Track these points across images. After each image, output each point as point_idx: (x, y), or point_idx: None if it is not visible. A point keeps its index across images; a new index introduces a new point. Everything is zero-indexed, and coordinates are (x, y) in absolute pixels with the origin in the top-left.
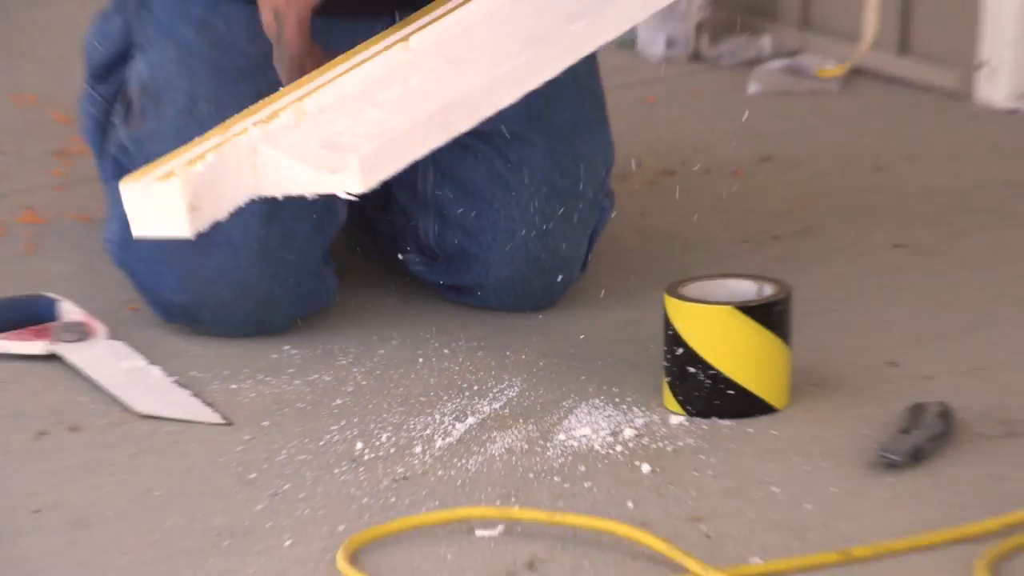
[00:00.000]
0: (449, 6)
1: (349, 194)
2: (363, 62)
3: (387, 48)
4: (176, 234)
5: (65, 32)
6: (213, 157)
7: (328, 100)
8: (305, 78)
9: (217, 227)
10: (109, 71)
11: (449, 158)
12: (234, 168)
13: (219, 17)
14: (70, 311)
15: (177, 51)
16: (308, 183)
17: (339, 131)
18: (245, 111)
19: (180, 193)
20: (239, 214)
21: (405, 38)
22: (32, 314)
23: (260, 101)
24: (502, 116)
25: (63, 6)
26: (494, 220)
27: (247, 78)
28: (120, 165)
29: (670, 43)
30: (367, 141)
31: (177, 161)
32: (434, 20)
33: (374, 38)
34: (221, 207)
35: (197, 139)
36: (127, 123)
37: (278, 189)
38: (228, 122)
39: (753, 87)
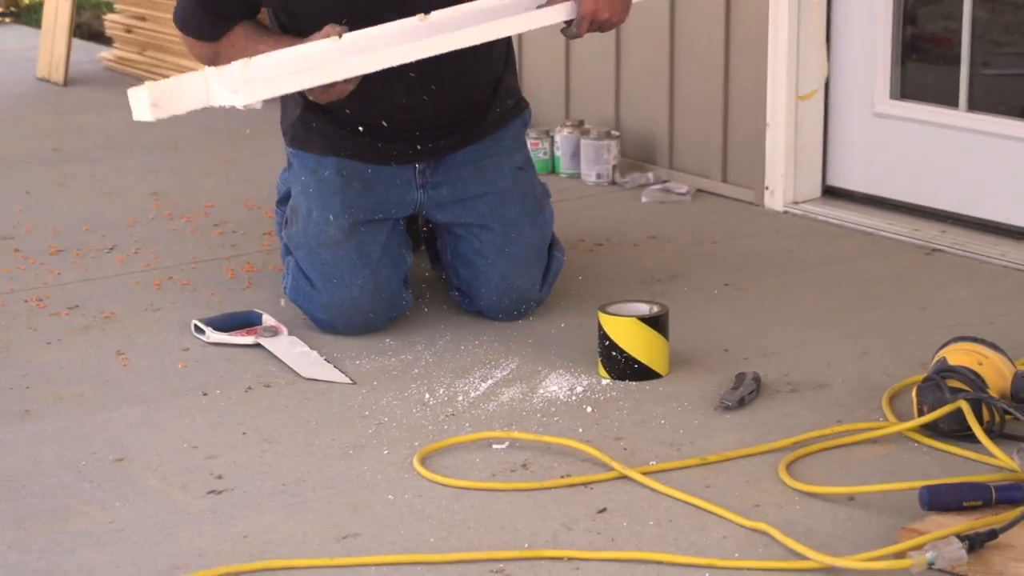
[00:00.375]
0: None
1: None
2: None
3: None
4: (145, 117)
5: (272, 168)
6: (173, 79)
7: (268, 59)
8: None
9: (343, 282)
10: (284, 200)
11: (457, 242)
12: (191, 87)
13: (322, 167)
14: (268, 319)
15: (302, 188)
16: (224, 98)
17: (253, 75)
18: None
19: (147, 94)
20: (353, 269)
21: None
22: (247, 321)
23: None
24: (476, 214)
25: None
26: (476, 275)
27: (335, 195)
28: (287, 249)
29: (599, 175)
30: (257, 81)
31: (160, 82)
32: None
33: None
34: (177, 104)
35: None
36: (286, 228)
37: (212, 101)
38: (200, 71)
39: (644, 199)
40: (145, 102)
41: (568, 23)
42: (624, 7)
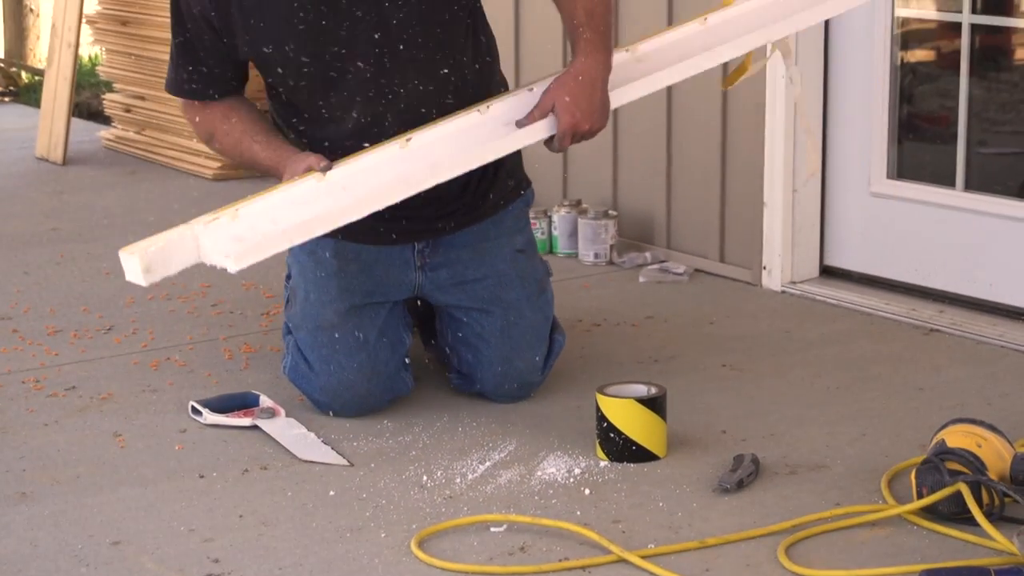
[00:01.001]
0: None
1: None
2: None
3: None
4: (139, 282)
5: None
6: (162, 242)
7: (254, 208)
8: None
9: (340, 364)
10: (288, 278)
11: (458, 326)
12: (181, 246)
13: (320, 248)
14: (265, 401)
15: (300, 269)
16: (217, 259)
17: (245, 229)
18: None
19: (138, 261)
20: (350, 352)
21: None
22: (244, 403)
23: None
24: (476, 298)
25: None
26: (479, 359)
27: (332, 278)
28: (288, 328)
29: (596, 255)
30: (250, 239)
31: (143, 243)
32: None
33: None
34: (169, 266)
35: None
36: (287, 308)
37: (206, 259)
38: (197, 219)
39: (642, 279)
40: (137, 268)
41: (550, 139)
42: (603, 114)
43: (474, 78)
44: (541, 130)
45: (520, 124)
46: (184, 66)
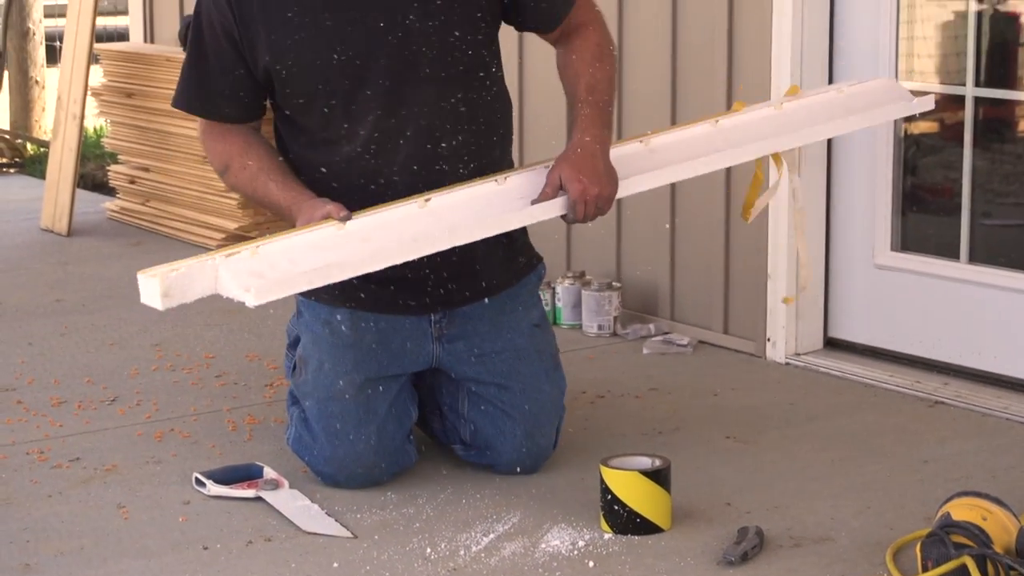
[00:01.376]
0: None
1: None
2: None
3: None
4: (155, 306)
5: (274, 319)
6: (184, 268)
7: (275, 247)
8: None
9: (348, 436)
10: (293, 346)
11: (477, 400)
12: (201, 276)
13: (334, 316)
14: (269, 472)
15: (313, 339)
16: (235, 292)
17: (264, 266)
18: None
19: (159, 284)
20: (359, 424)
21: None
22: (248, 474)
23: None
24: (494, 372)
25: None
26: (500, 432)
27: (348, 349)
28: (294, 398)
29: (600, 327)
30: (271, 276)
31: (164, 267)
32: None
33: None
34: (187, 293)
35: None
36: (294, 376)
37: (224, 291)
38: (218, 250)
39: (646, 350)
40: (156, 291)
41: (564, 216)
42: (609, 179)
43: (487, 116)
44: (555, 207)
45: (535, 202)
46: (200, 83)
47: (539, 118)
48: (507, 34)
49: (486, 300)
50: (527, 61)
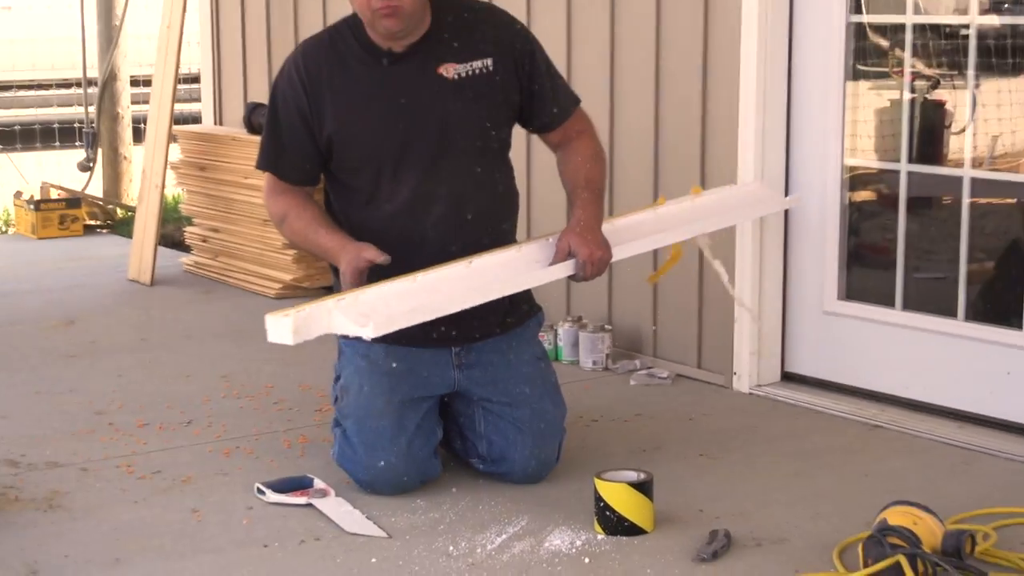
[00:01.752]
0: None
1: (366, 336)
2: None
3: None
4: (284, 342)
5: (323, 356)
6: (307, 310)
7: (370, 295)
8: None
9: (383, 447)
10: (337, 381)
11: (491, 418)
12: (319, 317)
13: (372, 350)
14: (318, 483)
15: (355, 369)
16: (350, 330)
17: (368, 310)
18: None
19: (291, 323)
20: (392, 438)
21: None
22: (301, 484)
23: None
24: (507, 394)
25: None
26: (511, 444)
27: (383, 375)
28: (337, 421)
29: (594, 362)
30: (379, 315)
31: (291, 311)
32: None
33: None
34: (310, 331)
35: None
36: (337, 403)
37: (337, 330)
38: (326, 297)
39: (632, 382)
40: (288, 329)
41: (574, 275)
42: (607, 247)
43: (503, 190)
44: (566, 268)
45: (552, 262)
46: (274, 150)
47: (543, 200)
48: (518, 136)
49: (497, 337)
50: (534, 161)
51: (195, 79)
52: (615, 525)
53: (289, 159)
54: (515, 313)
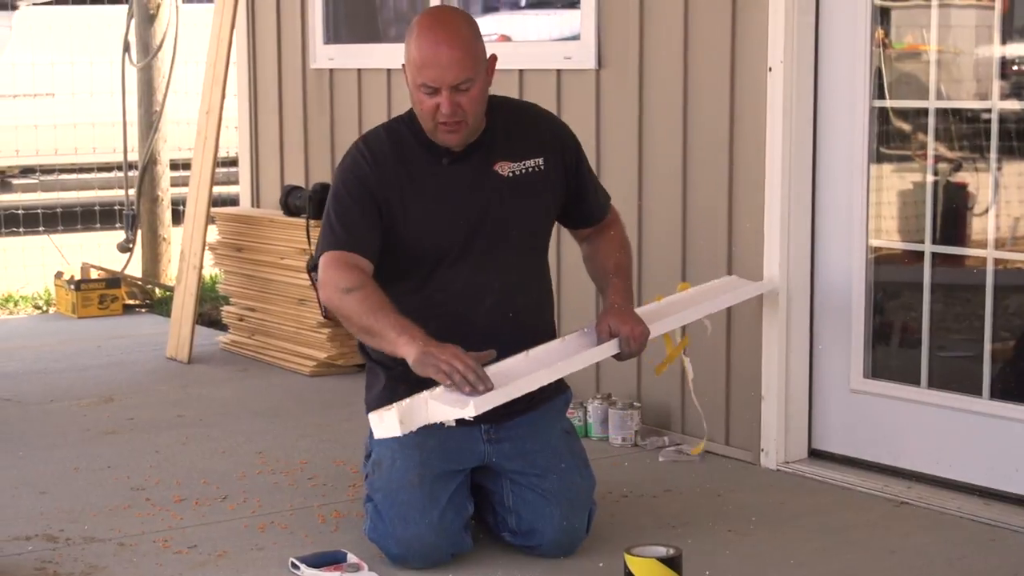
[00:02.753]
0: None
1: (467, 419)
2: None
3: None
4: (393, 434)
5: (356, 432)
6: (407, 402)
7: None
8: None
9: (414, 520)
10: (367, 458)
11: (520, 490)
12: (418, 408)
13: None
14: (352, 557)
15: (387, 444)
16: (450, 415)
17: (458, 396)
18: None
19: (396, 414)
20: (423, 510)
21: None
22: (335, 559)
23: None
24: (536, 466)
25: (361, 421)
26: (540, 516)
27: (415, 449)
28: (370, 497)
29: (623, 439)
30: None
31: (393, 405)
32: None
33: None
34: (414, 422)
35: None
36: (368, 480)
37: (437, 417)
38: (420, 394)
39: (661, 458)
40: (395, 421)
41: (618, 354)
42: (643, 321)
43: (544, 283)
44: (611, 348)
45: (599, 343)
46: (346, 229)
47: (572, 302)
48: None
49: (525, 414)
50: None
51: (233, 162)
52: None
53: (362, 235)
54: (544, 391)
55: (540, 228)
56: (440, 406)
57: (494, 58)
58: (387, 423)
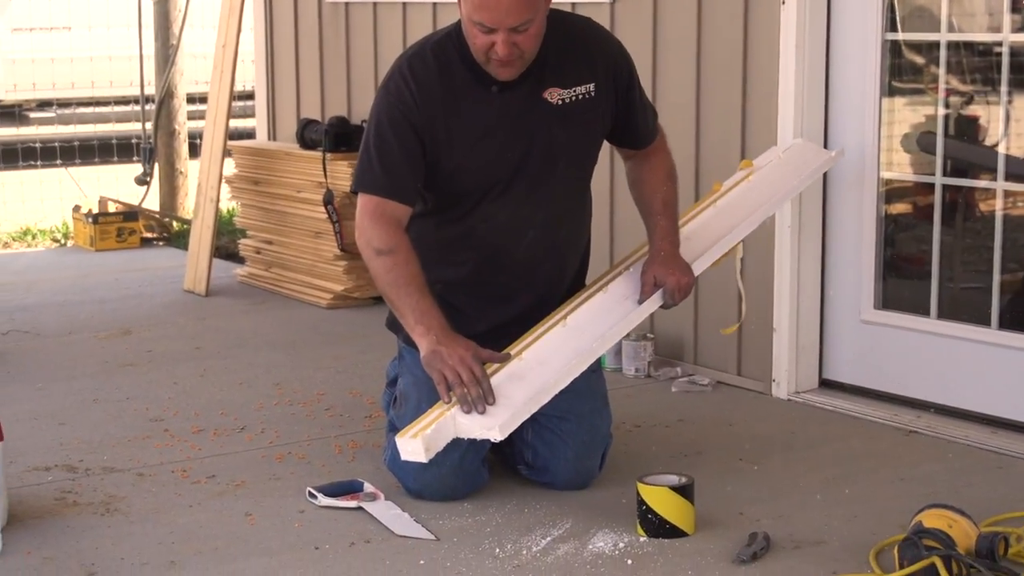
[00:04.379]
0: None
1: (494, 439)
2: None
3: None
4: (420, 460)
5: (372, 364)
6: (432, 428)
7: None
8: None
9: (436, 461)
10: (393, 383)
11: (540, 429)
12: (445, 427)
13: None
14: (368, 487)
15: (414, 380)
16: (476, 433)
17: (489, 409)
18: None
19: (422, 443)
20: (445, 452)
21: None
22: (351, 488)
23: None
24: (557, 408)
25: (377, 354)
26: (556, 456)
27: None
28: (393, 426)
29: (637, 370)
30: (502, 413)
31: (419, 426)
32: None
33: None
34: (439, 444)
35: (426, 414)
36: (393, 407)
37: (464, 434)
38: (448, 413)
39: (674, 389)
40: (420, 449)
41: (663, 304)
42: (689, 270)
43: (589, 208)
44: (656, 300)
45: (640, 301)
46: (387, 170)
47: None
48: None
49: None
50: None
51: (249, 96)
52: (657, 528)
53: (402, 180)
54: None
55: (588, 158)
56: (467, 423)
57: None
58: (414, 451)
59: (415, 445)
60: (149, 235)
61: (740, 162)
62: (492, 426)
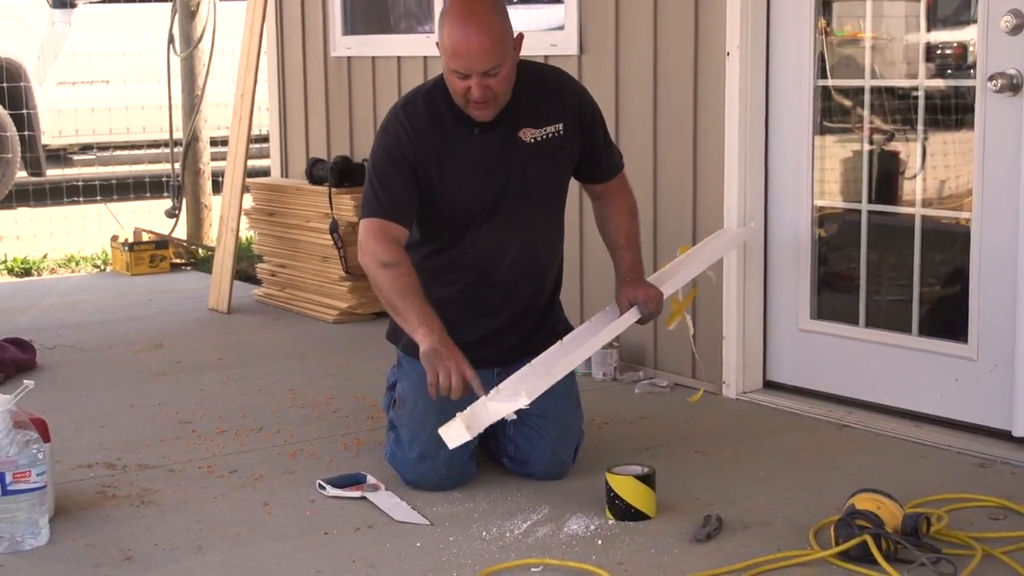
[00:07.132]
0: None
1: (521, 408)
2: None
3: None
4: (464, 440)
5: (375, 371)
6: (469, 409)
7: (506, 382)
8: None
9: (431, 456)
10: (392, 388)
11: (520, 425)
12: (481, 412)
13: None
14: (371, 479)
15: (411, 384)
16: (509, 409)
17: (514, 390)
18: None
19: (461, 421)
20: (438, 448)
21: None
22: (356, 480)
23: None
24: (537, 407)
25: (379, 363)
26: (535, 450)
27: (438, 397)
28: (392, 424)
29: (604, 374)
30: (526, 385)
31: (458, 415)
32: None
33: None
34: (479, 427)
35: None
36: (392, 409)
37: (499, 415)
38: (478, 400)
39: (637, 390)
40: (461, 427)
41: (640, 318)
42: (653, 286)
43: (559, 239)
44: (632, 315)
45: (621, 314)
46: (390, 197)
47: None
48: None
49: (531, 357)
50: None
51: (264, 139)
52: (623, 512)
53: (401, 206)
54: (550, 338)
55: (559, 187)
56: (497, 405)
57: (520, 36)
58: (456, 433)
59: (456, 426)
60: (178, 261)
61: (680, 247)
62: (518, 392)
